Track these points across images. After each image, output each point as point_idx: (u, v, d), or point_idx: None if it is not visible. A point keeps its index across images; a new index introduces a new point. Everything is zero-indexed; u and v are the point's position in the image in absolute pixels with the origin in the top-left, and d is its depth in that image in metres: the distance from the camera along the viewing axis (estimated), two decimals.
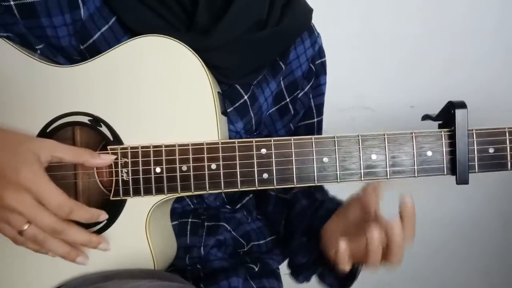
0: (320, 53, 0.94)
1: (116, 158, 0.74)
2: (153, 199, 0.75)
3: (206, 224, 0.88)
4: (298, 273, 0.88)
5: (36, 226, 0.68)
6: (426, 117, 0.77)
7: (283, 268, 0.95)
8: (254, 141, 0.73)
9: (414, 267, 1.69)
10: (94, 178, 0.78)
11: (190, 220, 0.87)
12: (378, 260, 0.68)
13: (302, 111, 0.94)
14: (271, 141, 0.73)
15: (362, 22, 1.53)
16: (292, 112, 0.92)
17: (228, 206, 0.92)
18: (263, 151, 0.73)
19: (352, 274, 0.81)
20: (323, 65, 0.94)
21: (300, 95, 0.92)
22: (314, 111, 0.95)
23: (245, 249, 0.92)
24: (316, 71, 0.93)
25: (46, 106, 0.76)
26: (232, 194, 0.92)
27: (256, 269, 0.89)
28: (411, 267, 1.69)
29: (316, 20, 0.95)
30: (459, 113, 0.70)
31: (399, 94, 1.57)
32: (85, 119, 0.76)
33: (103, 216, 0.73)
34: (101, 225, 0.75)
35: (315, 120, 0.95)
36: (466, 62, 1.58)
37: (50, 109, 0.76)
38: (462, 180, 0.70)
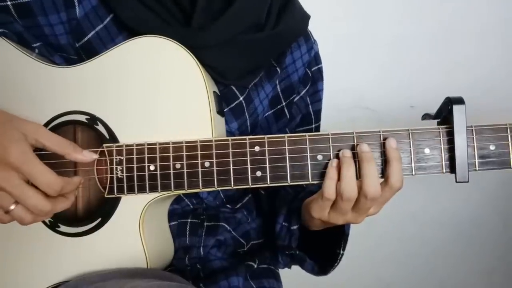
0: (317, 59, 0.91)
1: (102, 156, 0.72)
2: (147, 197, 0.72)
3: (205, 224, 0.84)
4: (277, 257, 0.85)
5: (23, 207, 0.64)
6: (426, 116, 0.72)
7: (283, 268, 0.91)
8: (247, 139, 0.70)
9: (413, 268, 1.66)
10: (93, 175, 0.75)
11: (189, 220, 0.84)
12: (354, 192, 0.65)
13: (298, 116, 0.91)
14: (264, 139, 0.69)
15: (362, 22, 1.50)
16: (288, 116, 0.89)
17: (228, 206, 0.88)
18: (257, 148, 0.69)
19: (333, 257, 0.78)
20: (320, 71, 0.91)
21: (296, 99, 0.89)
22: (313, 117, 0.93)
23: (245, 249, 0.89)
24: (314, 78, 0.90)
25: (44, 106, 0.74)
26: (231, 194, 0.89)
27: (255, 266, 0.85)
28: (411, 267, 1.66)
29: (317, 21, 0.92)
30: (456, 108, 0.65)
31: (399, 94, 1.53)
32: (82, 118, 0.74)
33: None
34: (95, 222, 0.73)
35: (313, 126, 0.93)
36: (466, 62, 1.53)
37: (49, 108, 0.74)
38: (462, 178, 0.64)
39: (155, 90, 0.72)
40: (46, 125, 0.74)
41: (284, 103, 0.88)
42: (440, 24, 1.51)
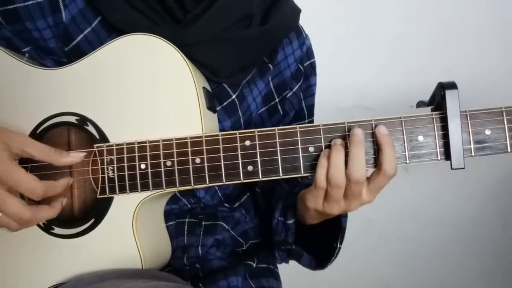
0: (309, 54, 0.89)
1: (87, 156, 0.70)
2: (140, 196, 0.70)
3: (203, 223, 0.82)
4: (274, 253, 0.83)
5: (5, 215, 0.64)
6: (420, 104, 0.70)
7: (283, 268, 0.88)
8: (238, 133, 0.68)
9: (413, 267, 1.63)
10: (87, 176, 0.73)
11: (187, 220, 0.82)
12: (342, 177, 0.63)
13: (291, 111, 0.89)
14: (255, 132, 0.67)
15: (362, 21, 1.48)
16: (281, 112, 0.87)
17: (226, 205, 0.86)
18: (247, 143, 0.67)
19: (331, 251, 0.76)
20: (312, 66, 0.89)
21: (288, 95, 0.87)
22: (306, 112, 0.90)
23: (244, 248, 0.87)
24: (306, 73, 0.88)
25: (35, 108, 0.73)
26: (229, 192, 0.87)
27: (254, 265, 0.83)
28: (411, 266, 1.63)
29: (316, 20, 0.90)
30: (449, 93, 0.62)
31: (398, 93, 1.50)
32: (72, 119, 0.72)
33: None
34: (89, 223, 0.71)
35: (307, 121, 0.91)
36: (465, 61, 1.50)
37: (40, 110, 0.73)
38: (457, 165, 0.61)
39: (144, 88, 0.71)
40: (37, 127, 0.72)
41: (277, 100, 0.86)
42: (440, 23, 1.48)
